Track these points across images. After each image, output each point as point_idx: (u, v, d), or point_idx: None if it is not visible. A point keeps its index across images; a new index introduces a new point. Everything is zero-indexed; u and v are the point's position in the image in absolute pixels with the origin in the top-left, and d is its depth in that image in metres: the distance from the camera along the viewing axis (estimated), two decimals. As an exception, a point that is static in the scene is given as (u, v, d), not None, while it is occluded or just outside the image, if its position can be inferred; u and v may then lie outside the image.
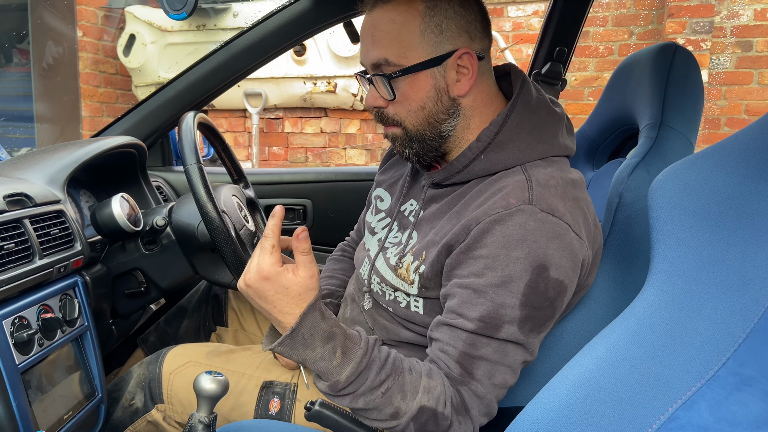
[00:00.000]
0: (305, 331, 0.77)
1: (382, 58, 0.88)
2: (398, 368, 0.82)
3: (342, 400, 0.80)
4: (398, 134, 0.93)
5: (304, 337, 0.77)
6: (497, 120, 0.90)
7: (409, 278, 0.92)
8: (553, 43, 1.68)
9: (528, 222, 0.81)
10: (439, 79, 0.89)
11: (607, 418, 0.53)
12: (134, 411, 1.10)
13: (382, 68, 0.89)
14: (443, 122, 0.91)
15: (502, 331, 0.81)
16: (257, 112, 4.09)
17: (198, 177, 1.09)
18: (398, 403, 0.80)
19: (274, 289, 0.76)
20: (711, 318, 0.53)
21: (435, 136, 0.92)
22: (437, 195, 0.95)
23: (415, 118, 0.91)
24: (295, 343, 0.77)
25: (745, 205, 0.55)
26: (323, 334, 0.78)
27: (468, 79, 0.89)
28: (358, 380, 0.79)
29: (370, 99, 0.93)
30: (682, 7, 4.02)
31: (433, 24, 0.87)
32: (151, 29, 4.20)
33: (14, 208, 0.97)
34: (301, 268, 0.77)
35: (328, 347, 0.78)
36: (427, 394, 0.80)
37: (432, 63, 0.88)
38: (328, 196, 1.87)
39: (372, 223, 1.08)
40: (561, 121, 0.94)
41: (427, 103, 0.90)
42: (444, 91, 0.90)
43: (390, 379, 0.80)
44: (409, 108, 0.90)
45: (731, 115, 4.16)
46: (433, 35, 0.87)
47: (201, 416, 0.77)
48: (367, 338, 0.82)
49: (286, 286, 0.76)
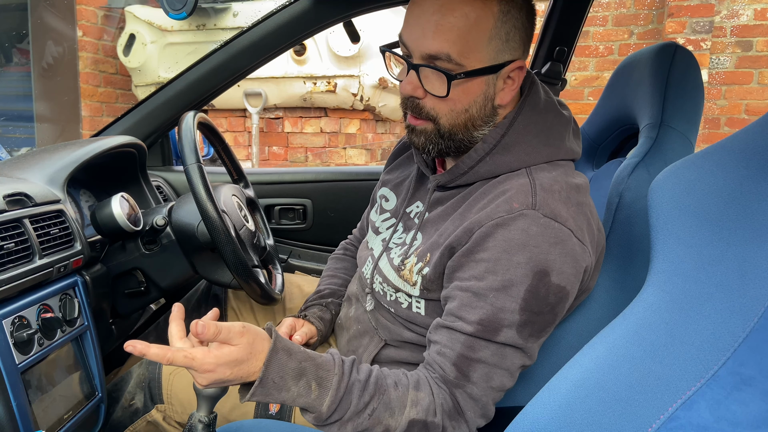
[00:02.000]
0: (274, 375, 0.74)
1: (444, 53, 0.82)
2: (381, 386, 0.80)
3: (330, 428, 0.79)
4: (429, 129, 0.89)
5: (275, 381, 0.75)
6: (504, 122, 0.89)
7: (411, 279, 0.91)
8: (553, 42, 1.68)
9: (530, 227, 0.80)
10: (490, 87, 0.87)
11: (607, 418, 0.53)
12: (134, 411, 1.10)
13: (438, 62, 0.84)
14: (479, 128, 0.89)
15: (500, 334, 0.80)
16: (257, 111, 4.09)
17: (198, 177, 1.09)
18: (387, 421, 0.79)
19: (227, 368, 0.73)
20: (711, 318, 0.53)
21: (465, 138, 0.90)
22: (442, 197, 0.95)
23: (455, 119, 0.88)
24: (267, 390, 0.75)
25: (745, 205, 0.55)
26: (293, 373, 0.75)
27: (511, 90, 0.88)
28: (340, 407, 0.77)
29: (408, 87, 0.87)
30: (682, 7, 4.02)
31: (503, 30, 0.84)
32: (151, 29, 4.20)
33: (14, 207, 0.97)
34: (230, 340, 0.73)
35: (301, 383, 0.76)
36: (415, 407, 0.79)
37: (491, 70, 0.85)
38: (328, 196, 1.87)
39: (376, 223, 1.08)
40: (568, 125, 0.93)
41: (472, 107, 0.87)
42: (491, 98, 0.88)
43: (375, 399, 0.79)
44: (453, 108, 0.87)
45: (731, 115, 4.16)
46: (500, 42, 0.84)
47: (201, 416, 0.77)
48: (341, 361, 0.80)
49: (234, 359, 0.73)
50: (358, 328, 1.05)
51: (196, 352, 0.72)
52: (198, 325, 0.71)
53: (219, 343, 0.73)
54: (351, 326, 1.07)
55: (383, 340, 0.99)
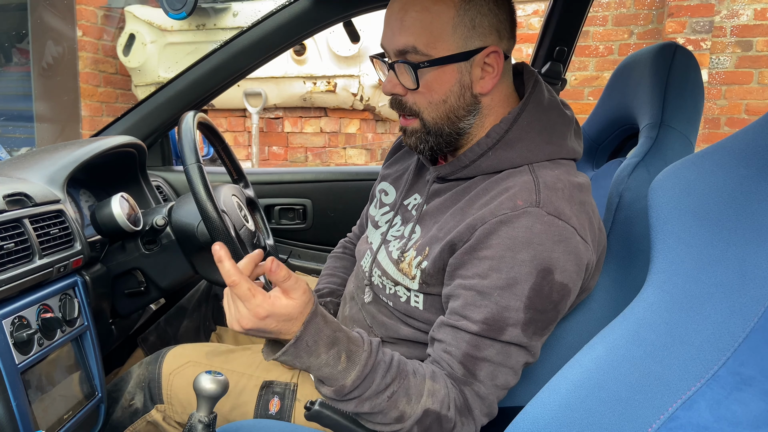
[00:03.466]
0: (309, 338, 0.75)
1: (410, 46, 0.86)
2: (403, 371, 0.81)
3: (347, 405, 0.79)
4: (417, 128, 0.92)
5: (308, 344, 0.75)
6: (508, 118, 0.90)
7: (410, 273, 0.92)
8: (553, 42, 1.68)
9: (534, 225, 0.80)
10: (465, 75, 0.88)
11: (607, 418, 0.53)
12: (134, 411, 1.10)
13: (408, 56, 0.87)
14: (462, 118, 0.90)
15: (505, 333, 0.81)
16: (257, 111, 4.09)
17: (198, 177, 1.09)
18: (403, 406, 0.79)
19: (276, 321, 0.74)
20: (711, 318, 0.53)
21: (452, 131, 0.91)
22: (441, 189, 0.95)
23: (435, 111, 0.90)
24: (299, 352, 0.75)
25: (745, 205, 0.55)
26: (327, 340, 0.76)
27: (492, 78, 0.89)
28: (363, 384, 0.78)
29: (388, 85, 0.91)
30: (682, 7, 4.02)
31: (467, 18, 0.85)
32: (151, 29, 4.19)
33: (14, 207, 0.97)
34: (291, 291, 0.74)
35: (332, 352, 0.76)
36: (432, 397, 0.80)
37: (460, 57, 0.86)
38: (328, 196, 1.87)
39: (375, 217, 1.08)
40: (570, 124, 0.94)
41: (449, 97, 0.89)
42: (468, 87, 0.89)
43: (395, 382, 0.79)
44: (431, 100, 0.89)
45: (731, 115, 4.16)
46: (466, 29, 0.86)
47: (201, 416, 0.77)
48: (370, 340, 0.81)
49: (287, 313, 0.74)
50: (353, 327, 1.05)
51: (259, 291, 0.73)
52: (274, 262, 0.72)
53: (280, 292, 0.74)
54: (346, 325, 1.07)
55: (379, 338, 0.99)
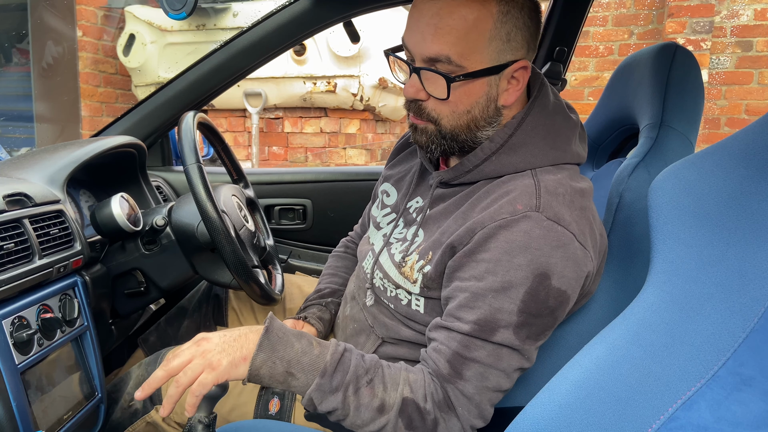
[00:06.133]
0: (277, 330, 0.79)
1: (444, 55, 0.83)
2: (377, 362, 0.83)
3: (335, 397, 0.78)
4: (431, 130, 0.90)
5: (278, 335, 0.79)
6: (512, 122, 0.89)
7: (412, 277, 0.91)
8: (553, 42, 1.68)
9: (533, 229, 0.80)
10: (493, 88, 0.86)
11: (607, 418, 0.53)
12: (133, 412, 1.10)
13: (439, 65, 0.84)
14: (482, 129, 0.89)
15: (497, 335, 0.80)
16: (257, 111, 4.09)
17: (198, 177, 1.09)
18: (382, 394, 0.80)
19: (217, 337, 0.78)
20: (711, 318, 0.53)
21: (468, 138, 0.89)
22: (445, 194, 0.94)
23: (456, 120, 0.88)
24: (273, 343, 0.78)
25: (745, 205, 0.55)
26: (293, 332, 0.80)
27: (516, 90, 0.87)
28: (342, 362, 0.80)
29: (411, 90, 0.88)
30: (682, 7, 4.02)
31: (503, 31, 0.83)
32: (151, 29, 4.19)
33: (14, 208, 0.97)
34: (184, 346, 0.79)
35: (303, 341, 0.80)
36: (408, 386, 0.81)
37: (493, 71, 0.85)
38: (328, 196, 1.87)
39: (377, 218, 1.08)
40: (575, 129, 0.93)
41: (474, 108, 0.87)
42: (494, 99, 0.87)
43: (372, 369, 0.81)
44: (455, 110, 0.87)
45: (731, 115, 4.16)
46: (501, 42, 0.84)
47: (200, 416, 0.77)
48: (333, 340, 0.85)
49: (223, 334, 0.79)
50: (354, 326, 1.05)
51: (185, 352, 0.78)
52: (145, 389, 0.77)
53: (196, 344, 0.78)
54: (347, 325, 1.07)
55: (380, 338, 0.99)
